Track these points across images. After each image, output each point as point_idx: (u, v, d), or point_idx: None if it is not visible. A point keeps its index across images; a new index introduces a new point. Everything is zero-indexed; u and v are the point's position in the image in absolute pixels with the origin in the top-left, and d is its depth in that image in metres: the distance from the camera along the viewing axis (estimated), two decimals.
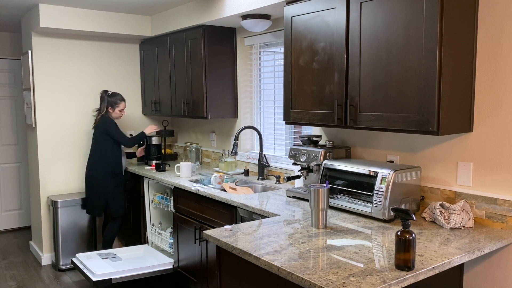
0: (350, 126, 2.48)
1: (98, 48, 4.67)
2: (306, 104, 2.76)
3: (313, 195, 2.23)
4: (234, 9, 3.38)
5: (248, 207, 2.80)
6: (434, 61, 2.06)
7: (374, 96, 2.35)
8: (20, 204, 5.72)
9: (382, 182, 2.31)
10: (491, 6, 2.19)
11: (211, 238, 2.15)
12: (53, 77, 4.44)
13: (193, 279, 3.50)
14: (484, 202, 2.26)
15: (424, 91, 2.11)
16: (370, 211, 2.35)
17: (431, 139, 2.50)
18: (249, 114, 4.05)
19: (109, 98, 4.16)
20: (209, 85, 3.86)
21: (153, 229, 4.22)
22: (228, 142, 4.22)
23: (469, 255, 1.90)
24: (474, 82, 2.28)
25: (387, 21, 2.25)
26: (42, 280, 4.11)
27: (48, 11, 4.04)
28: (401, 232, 1.71)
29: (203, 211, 3.33)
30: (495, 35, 2.19)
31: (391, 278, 1.62)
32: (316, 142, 2.95)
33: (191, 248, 3.50)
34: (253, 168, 3.86)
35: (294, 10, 2.80)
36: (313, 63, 2.69)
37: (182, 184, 3.53)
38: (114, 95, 4.19)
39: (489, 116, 2.24)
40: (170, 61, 4.29)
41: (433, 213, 2.29)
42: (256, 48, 3.92)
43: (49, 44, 4.40)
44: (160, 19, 4.38)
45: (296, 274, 1.66)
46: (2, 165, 5.61)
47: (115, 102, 4.19)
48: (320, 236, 2.12)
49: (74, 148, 4.58)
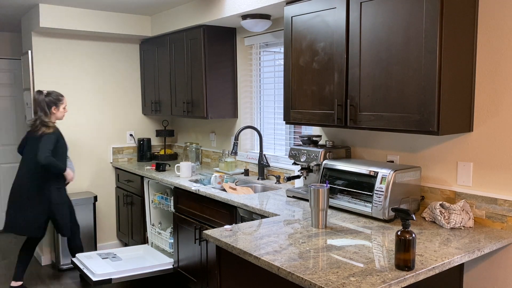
0: (350, 126, 2.48)
1: (98, 48, 4.67)
2: (306, 104, 2.76)
3: (313, 195, 2.23)
4: (234, 9, 3.38)
5: (248, 207, 2.80)
6: (434, 61, 2.06)
7: (374, 96, 2.35)
8: None
9: (382, 182, 2.31)
10: (491, 6, 2.19)
11: (211, 238, 2.15)
12: (53, 77, 4.44)
13: (193, 279, 3.50)
14: (484, 202, 2.26)
15: (424, 91, 2.11)
16: (370, 211, 2.35)
17: (431, 139, 2.50)
18: (249, 114, 4.05)
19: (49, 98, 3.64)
20: (209, 85, 3.86)
21: (153, 229, 4.22)
22: (228, 142, 4.22)
23: (469, 255, 1.90)
24: (474, 82, 2.28)
25: (387, 21, 2.25)
26: (42, 280, 4.11)
27: (48, 11, 4.04)
28: (401, 232, 1.71)
29: (203, 211, 3.33)
30: (495, 35, 2.19)
31: (391, 278, 1.62)
32: (316, 142, 2.95)
33: (191, 248, 3.50)
34: (253, 168, 3.86)
35: (294, 10, 2.80)
36: (313, 63, 2.69)
37: (182, 184, 3.53)
38: (51, 93, 3.68)
39: (489, 116, 2.24)
40: (170, 61, 4.29)
41: (433, 213, 2.29)
42: (256, 48, 3.92)
43: (49, 44, 4.40)
44: (160, 19, 4.38)
45: (296, 274, 1.66)
46: (2, 165, 5.61)
47: (58, 99, 3.68)
48: (320, 236, 2.12)
49: (74, 148, 4.58)
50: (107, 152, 4.80)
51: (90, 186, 4.71)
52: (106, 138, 4.78)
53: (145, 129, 5.01)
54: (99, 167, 4.76)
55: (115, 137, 4.83)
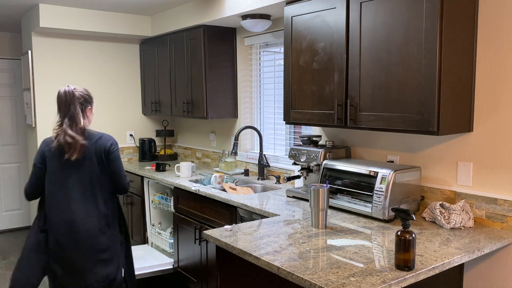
0: (350, 126, 2.48)
1: (98, 48, 4.67)
2: (306, 104, 2.76)
3: (313, 195, 2.23)
4: (234, 9, 3.38)
5: (248, 207, 2.79)
6: (434, 61, 2.06)
7: (374, 96, 2.34)
8: (20, 204, 5.72)
9: (382, 182, 2.31)
10: (491, 6, 2.19)
11: (211, 238, 2.15)
12: (53, 77, 4.44)
13: (193, 279, 3.50)
14: (484, 202, 2.26)
15: (424, 91, 2.11)
16: (370, 211, 2.35)
17: (431, 139, 2.50)
18: (249, 114, 4.05)
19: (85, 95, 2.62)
20: (209, 85, 3.86)
21: (153, 229, 4.22)
22: (228, 142, 4.22)
23: (469, 255, 1.90)
24: (474, 82, 2.28)
25: (387, 21, 2.25)
26: None
27: (48, 11, 4.04)
28: (401, 232, 1.71)
29: (203, 211, 3.33)
30: (495, 35, 2.19)
31: (391, 278, 1.62)
32: (316, 142, 2.95)
33: (191, 248, 3.50)
34: (253, 168, 3.86)
35: (294, 10, 2.80)
36: (313, 63, 2.69)
37: (182, 184, 3.53)
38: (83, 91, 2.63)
39: (489, 116, 2.24)
40: (170, 61, 4.29)
41: (433, 213, 2.29)
42: (256, 48, 3.92)
43: (49, 44, 4.40)
44: (160, 19, 4.38)
45: (296, 274, 1.66)
46: (2, 165, 5.60)
47: (92, 99, 2.67)
48: (320, 236, 2.12)
49: None
50: None
51: None
52: None
53: (145, 129, 5.01)
54: None
55: (115, 137, 4.83)
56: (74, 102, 2.52)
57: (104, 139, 2.58)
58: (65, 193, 2.52)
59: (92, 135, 2.57)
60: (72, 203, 2.51)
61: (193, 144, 4.75)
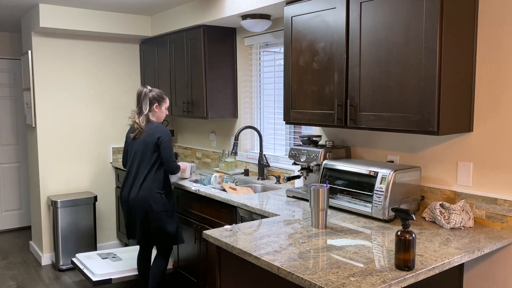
0: (350, 126, 2.48)
1: (98, 48, 4.67)
2: (306, 104, 2.76)
3: (313, 195, 2.23)
4: (234, 9, 3.38)
5: (248, 207, 2.80)
6: (434, 61, 2.06)
7: (374, 96, 2.34)
8: (20, 204, 5.72)
9: (382, 182, 2.31)
10: (491, 6, 2.19)
11: (211, 238, 2.15)
12: (53, 77, 4.44)
13: (193, 279, 3.50)
14: (484, 202, 2.26)
15: (424, 91, 2.11)
16: (370, 211, 2.35)
17: (431, 139, 2.50)
18: (249, 114, 4.05)
19: (154, 94, 3.32)
20: (209, 85, 3.86)
21: None
22: (228, 142, 4.22)
23: (469, 255, 1.90)
24: (474, 82, 2.28)
25: (387, 21, 2.25)
26: (42, 280, 4.11)
27: (48, 11, 4.04)
28: (401, 232, 1.71)
29: (203, 211, 3.33)
30: (495, 35, 2.19)
31: (391, 278, 1.62)
32: (316, 142, 2.95)
33: (191, 248, 3.50)
34: (253, 168, 3.86)
35: (294, 10, 2.80)
36: (313, 63, 2.69)
37: (182, 184, 3.53)
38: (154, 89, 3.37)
39: (489, 116, 2.24)
40: (170, 61, 4.29)
41: (433, 213, 2.29)
42: (256, 48, 3.92)
43: (49, 44, 4.40)
44: (160, 19, 4.38)
45: (296, 274, 1.66)
46: (2, 165, 5.61)
47: (162, 98, 3.36)
48: (320, 236, 2.12)
49: (74, 148, 4.58)
50: (107, 152, 4.80)
51: (90, 186, 4.71)
52: (106, 138, 4.78)
53: None
54: (99, 167, 4.76)
55: (115, 137, 4.83)
56: (145, 99, 3.30)
57: (156, 131, 3.24)
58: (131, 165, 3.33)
59: (151, 125, 3.28)
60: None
61: (193, 144, 4.75)
